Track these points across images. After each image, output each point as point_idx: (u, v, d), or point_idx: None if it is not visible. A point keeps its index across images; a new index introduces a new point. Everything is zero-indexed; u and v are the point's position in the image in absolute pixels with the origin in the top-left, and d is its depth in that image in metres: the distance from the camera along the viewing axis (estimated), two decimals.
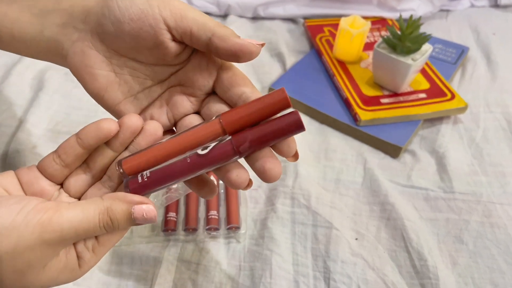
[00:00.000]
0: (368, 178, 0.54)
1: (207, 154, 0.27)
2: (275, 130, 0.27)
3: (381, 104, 0.61)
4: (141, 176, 0.29)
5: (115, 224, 0.27)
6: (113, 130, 0.29)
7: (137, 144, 0.30)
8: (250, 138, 0.27)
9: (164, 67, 0.31)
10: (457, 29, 0.80)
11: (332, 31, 0.75)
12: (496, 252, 0.47)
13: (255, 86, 0.30)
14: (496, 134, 0.60)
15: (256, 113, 0.28)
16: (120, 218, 0.27)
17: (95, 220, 0.26)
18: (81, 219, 0.26)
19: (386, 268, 0.46)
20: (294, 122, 0.27)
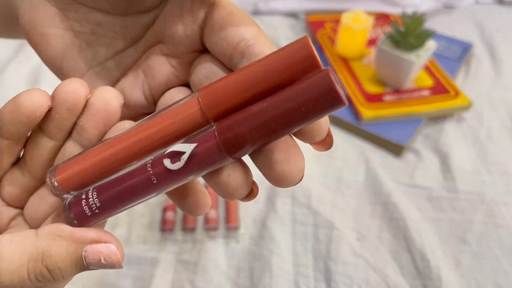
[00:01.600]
0: (370, 177, 0.54)
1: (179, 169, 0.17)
2: (293, 110, 0.15)
3: (383, 102, 0.60)
4: (85, 200, 0.19)
5: (55, 274, 0.18)
6: (39, 108, 0.19)
7: (83, 130, 0.20)
8: (248, 130, 0.16)
9: (136, 16, 0.22)
10: (461, 25, 0.79)
11: (334, 27, 0.74)
12: (500, 253, 0.46)
13: (261, 29, 0.19)
14: (500, 133, 0.59)
15: (256, 84, 0.16)
16: (64, 265, 0.18)
17: (20, 271, 0.17)
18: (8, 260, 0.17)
19: (388, 268, 0.45)
20: (327, 93, 0.15)
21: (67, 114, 0.20)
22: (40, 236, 0.18)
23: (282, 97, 0.16)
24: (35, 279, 0.18)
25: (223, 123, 0.17)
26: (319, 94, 0.15)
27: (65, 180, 0.19)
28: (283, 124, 0.16)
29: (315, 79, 0.15)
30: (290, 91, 0.16)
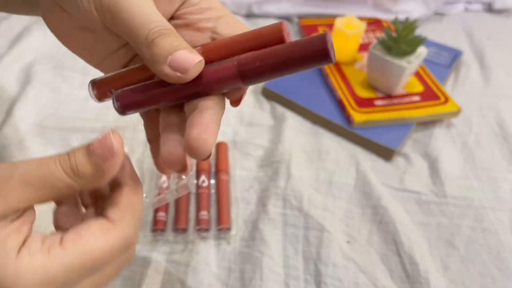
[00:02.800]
0: (361, 180, 0.54)
1: (201, 75, 0.24)
2: (292, 55, 0.22)
3: (374, 106, 0.61)
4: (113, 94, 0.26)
5: (72, 162, 0.23)
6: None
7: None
8: (260, 60, 0.23)
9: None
10: (451, 32, 0.80)
11: (327, 31, 0.75)
12: (487, 258, 0.47)
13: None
14: (489, 139, 0.60)
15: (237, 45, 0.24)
16: (78, 154, 0.23)
17: (50, 161, 0.23)
18: (33, 161, 0.23)
19: (377, 272, 0.45)
20: (318, 50, 0.22)
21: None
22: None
23: (288, 46, 0.22)
24: (60, 167, 0.23)
25: (243, 56, 0.24)
26: (315, 49, 0.22)
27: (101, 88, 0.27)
28: (285, 64, 0.22)
29: (315, 38, 0.22)
30: (295, 43, 0.22)
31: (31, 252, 0.22)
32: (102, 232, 0.23)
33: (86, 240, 0.23)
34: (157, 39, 0.23)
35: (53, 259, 0.22)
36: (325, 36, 0.21)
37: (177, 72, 0.23)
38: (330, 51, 0.21)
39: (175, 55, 0.23)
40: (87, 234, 0.23)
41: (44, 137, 0.56)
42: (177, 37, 0.23)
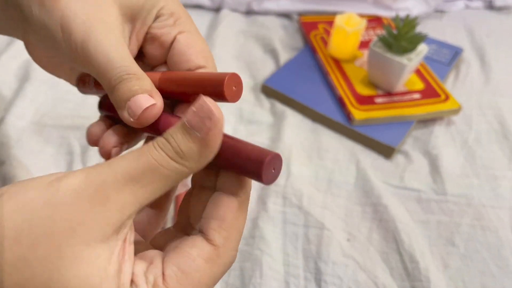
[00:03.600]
0: (361, 178, 0.54)
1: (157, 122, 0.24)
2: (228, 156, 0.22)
3: (375, 104, 0.61)
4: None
5: (173, 144, 0.20)
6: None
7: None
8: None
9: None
10: (451, 30, 0.80)
11: (327, 28, 0.74)
12: (487, 256, 0.47)
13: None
14: (489, 137, 0.60)
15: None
16: (176, 134, 0.20)
17: (151, 150, 0.20)
18: (129, 156, 0.20)
19: (377, 270, 0.45)
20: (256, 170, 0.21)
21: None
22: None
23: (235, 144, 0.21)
24: (160, 149, 0.20)
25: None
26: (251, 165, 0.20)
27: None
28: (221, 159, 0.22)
29: (259, 154, 0.20)
30: (242, 145, 0.21)
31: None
32: (207, 264, 0.21)
33: (191, 278, 0.20)
34: (118, 85, 0.23)
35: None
36: (264, 160, 0.20)
37: (131, 117, 0.23)
38: (263, 175, 0.20)
39: (131, 100, 0.23)
40: (192, 271, 0.21)
41: (43, 135, 0.56)
42: (138, 81, 0.24)
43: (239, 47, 0.73)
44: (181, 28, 0.26)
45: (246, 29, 0.77)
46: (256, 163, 0.20)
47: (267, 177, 0.20)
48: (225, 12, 0.79)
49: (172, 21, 0.26)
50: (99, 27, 0.24)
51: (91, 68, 0.24)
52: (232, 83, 0.23)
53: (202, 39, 0.27)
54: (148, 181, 0.20)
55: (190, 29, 0.27)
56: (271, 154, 0.20)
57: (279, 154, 0.21)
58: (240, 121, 0.61)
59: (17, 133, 0.55)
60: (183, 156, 0.20)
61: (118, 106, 0.24)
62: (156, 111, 0.23)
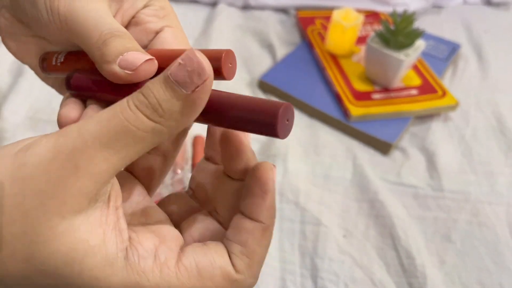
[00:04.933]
0: (358, 174, 0.54)
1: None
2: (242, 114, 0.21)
3: (372, 100, 0.60)
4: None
5: (151, 100, 0.18)
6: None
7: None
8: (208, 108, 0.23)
9: None
10: (449, 25, 0.79)
11: (324, 23, 0.74)
12: (483, 252, 0.47)
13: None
14: (486, 133, 0.60)
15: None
16: (156, 88, 0.18)
17: (123, 108, 0.18)
18: (100, 117, 0.18)
19: (373, 266, 0.45)
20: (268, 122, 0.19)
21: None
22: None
23: (242, 99, 0.20)
24: (135, 108, 0.18)
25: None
26: (264, 118, 0.19)
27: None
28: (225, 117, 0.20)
29: (271, 106, 0.19)
30: (250, 99, 0.20)
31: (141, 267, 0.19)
32: (224, 281, 0.20)
33: (203, 282, 0.20)
34: (109, 39, 0.22)
35: (164, 283, 0.19)
36: (278, 110, 0.19)
37: (126, 69, 0.22)
38: (278, 127, 0.18)
39: (127, 54, 0.22)
40: (207, 277, 0.20)
41: (37, 130, 0.55)
42: (130, 40, 0.23)
43: (235, 42, 0.73)
44: (169, 23, 0.26)
45: (243, 24, 0.77)
46: (269, 115, 0.18)
47: (282, 130, 0.19)
48: (221, 7, 0.79)
49: (163, 13, 0.26)
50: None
51: (75, 26, 0.23)
52: (228, 59, 0.22)
53: (187, 39, 0.27)
54: (122, 145, 0.18)
55: (179, 27, 0.27)
56: (284, 104, 0.19)
57: (290, 104, 0.19)
58: None
59: (12, 128, 0.55)
60: (163, 114, 0.18)
61: (107, 60, 0.22)
62: (154, 67, 0.22)
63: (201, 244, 0.21)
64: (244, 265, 0.21)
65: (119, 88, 0.23)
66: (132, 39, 0.23)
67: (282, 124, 0.19)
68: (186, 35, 0.27)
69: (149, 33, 0.26)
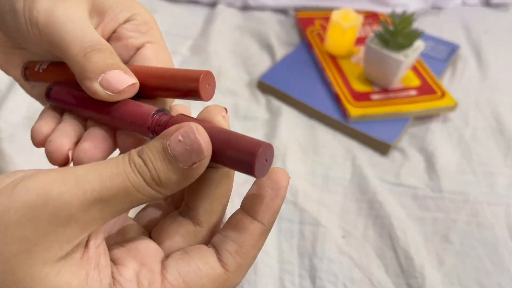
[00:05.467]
0: (357, 175, 0.54)
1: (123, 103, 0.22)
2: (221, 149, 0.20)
3: (371, 100, 0.60)
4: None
5: (152, 171, 0.18)
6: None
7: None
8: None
9: None
10: (448, 26, 0.79)
11: (323, 24, 0.74)
12: (482, 252, 0.47)
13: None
14: (485, 134, 0.60)
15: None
16: (156, 160, 0.18)
17: (128, 172, 0.18)
18: (103, 172, 0.18)
19: (372, 266, 0.45)
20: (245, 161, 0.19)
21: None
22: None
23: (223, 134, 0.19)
24: (138, 173, 0.18)
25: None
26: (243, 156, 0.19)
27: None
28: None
29: (250, 144, 0.18)
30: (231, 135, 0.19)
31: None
32: (213, 285, 0.20)
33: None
34: (89, 53, 0.22)
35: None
36: (257, 150, 0.18)
37: (107, 91, 0.22)
38: (255, 167, 0.18)
39: (109, 74, 0.21)
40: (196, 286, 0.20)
41: None
42: (112, 55, 0.23)
43: (235, 42, 0.73)
44: (151, 39, 0.26)
45: (242, 24, 0.77)
46: (247, 153, 0.18)
47: (260, 169, 0.18)
48: (220, 8, 0.79)
49: (145, 29, 0.26)
50: (67, 2, 0.23)
51: (55, 38, 0.22)
52: (207, 80, 0.22)
53: (169, 55, 0.26)
54: (119, 201, 0.18)
55: (161, 43, 0.26)
56: (264, 144, 0.18)
57: (270, 144, 0.19)
58: (236, 117, 0.61)
59: (10, 128, 0.55)
60: (160, 184, 0.18)
61: (87, 77, 0.22)
62: (136, 90, 0.22)
63: (181, 253, 0.21)
64: (235, 264, 0.20)
65: (98, 103, 0.23)
66: (113, 53, 0.23)
67: (260, 164, 0.18)
68: (169, 52, 0.26)
69: (130, 49, 0.25)
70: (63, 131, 0.24)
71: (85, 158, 0.23)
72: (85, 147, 0.23)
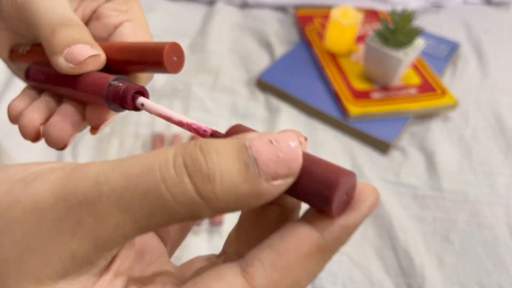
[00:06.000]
0: (356, 174, 0.53)
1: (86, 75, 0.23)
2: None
3: (371, 99, 0.60)
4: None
5: (210, 158, 0.13)
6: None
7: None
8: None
9: None
10: (449, 25, 0.79)
11: (323, 22, 0.74)
12: (482, 252, 0.46)
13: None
14: (485, 133, 0.59)
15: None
16: (221, 147, 0.13)
17: (164, 160, 0.13)
18: (131, 176, 0.13)
19: (372, 266, 0.45)
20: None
21: None
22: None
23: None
24: (183, 167, 0.13)
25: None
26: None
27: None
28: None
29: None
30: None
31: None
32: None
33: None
34: (57, 29, 0.22)
35: None
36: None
37: (70, 63, 0.22)
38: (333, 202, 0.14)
39: (73, 47, 0.22)
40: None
41: None
42: (80, 31, 0.23)
43: (234, 40, 0.72)
44: (131, 17, 0.26)
45: (241, 22, 0.76)
46: (325, 186, 0.14)
47: (337, 205, 0.14)
48: (219, 6, 0.78)
49: (125, 7, 0.26)
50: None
51: (29, 15, 0.23)
52: (173, 52, 0.22)
53: (149, 33, 0.26)
54: (145, 213, 0.13)
55: (140, 21, 0.26)
56: (346, 172, 0.14)
57: (353, 172, 0.14)
58: (234, 115, 0.60)
59: (7, 125, 0.54)
60: (214, 190, 0.13)
61: (54, 52, 0.22)
62: (99, 63, 0.22)
63: (193, 276, 0.16)
64: (266, 282, 0.14)
65: (66, 79, 0.23)
66: (83, 29, 0.23)
67: (339, 197, 0.14)
68: (150, 28, 0.26)
69: (109, 28, 0.25)
70: (36, 107, 0.24)
71: (53, 132, 0.23)
72: (53, 121, 0.23)
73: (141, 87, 0.21)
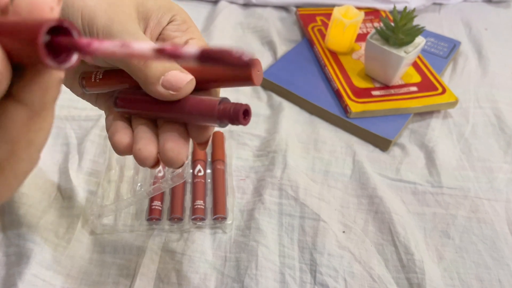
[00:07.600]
0: (357, 170, 0.54)
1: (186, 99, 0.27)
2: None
3: (372, 96, 0.61)
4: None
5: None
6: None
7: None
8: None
9: None
10: (449, 23, 0.79)
11: (325, 20, 0.74)
12: (482, 248, 0.47)
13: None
14: (485, 130, 0.60)
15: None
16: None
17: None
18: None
19: (372, 261, 0.45)
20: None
21: None
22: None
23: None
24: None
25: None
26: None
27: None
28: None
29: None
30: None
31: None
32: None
33: None
34: (148, 61, 0.24)
35: None
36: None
37: (170, 90, 0.24)
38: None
39: (167, 75, 0.24)
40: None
41: None
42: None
43: (236, 39, 0.73)
44: (192, 35, 0.29)
45: (244, 21, 0.77)
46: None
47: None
48: (223, 4, 0.79)
49: (185, 27, 0.29)
50: (120, 14, 0.25)
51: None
52: (256, 67, 0.26)
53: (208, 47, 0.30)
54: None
55: (200, 37, 0.29)
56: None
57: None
58: None
59: None
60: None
61: (151, 82, 0.24)
62: (194, 85, 0.25)
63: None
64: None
65: (164, 103, 0.26)
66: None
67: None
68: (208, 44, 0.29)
69: None
70: (146, 139, 0.27)
71: (174, 157, 0.26)
72: (168, 147, 0.26)
73: (246, 105, 0.25)
